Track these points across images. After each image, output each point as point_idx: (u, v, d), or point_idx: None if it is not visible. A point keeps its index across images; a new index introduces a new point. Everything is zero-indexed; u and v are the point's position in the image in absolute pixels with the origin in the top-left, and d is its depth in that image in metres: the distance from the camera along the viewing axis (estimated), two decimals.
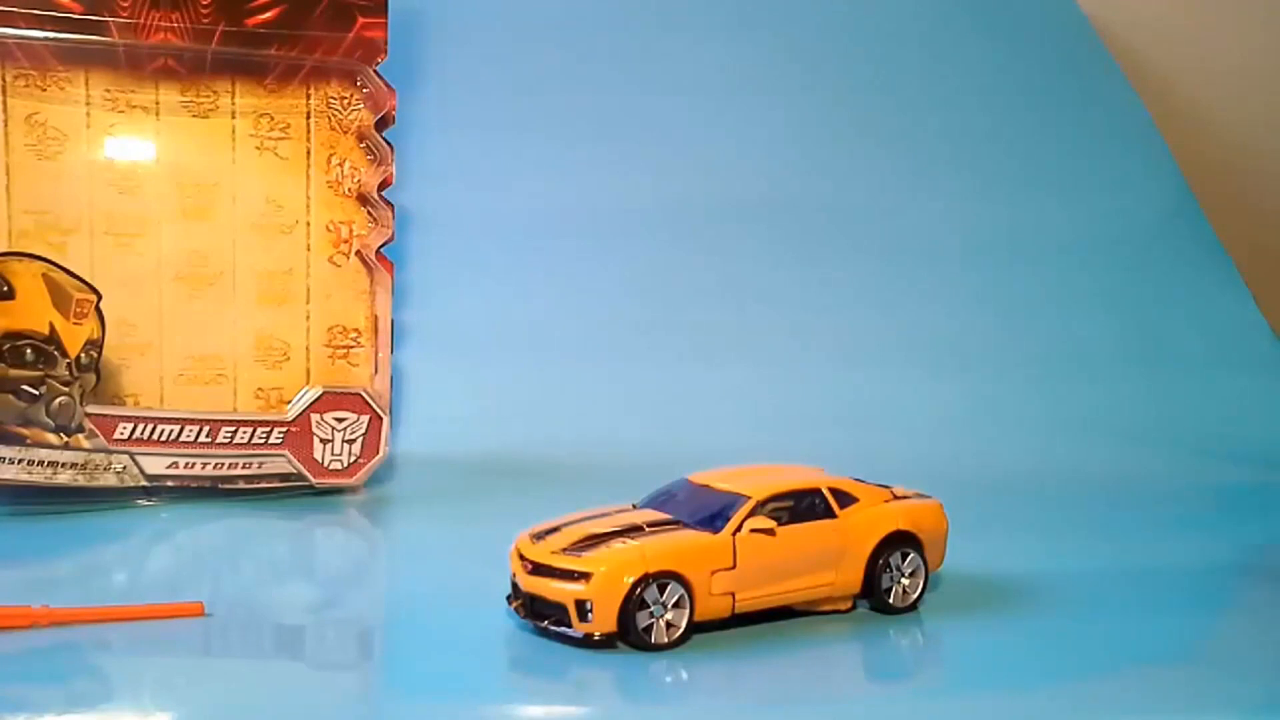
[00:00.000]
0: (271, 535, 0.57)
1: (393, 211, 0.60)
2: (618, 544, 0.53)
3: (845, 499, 0.58)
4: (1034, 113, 0.82)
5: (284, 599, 0.52)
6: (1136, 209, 0.77)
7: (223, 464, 0.59)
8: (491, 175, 0.71)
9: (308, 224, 0.60)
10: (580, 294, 0.69)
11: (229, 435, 0.59)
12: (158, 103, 0.58)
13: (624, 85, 0.76)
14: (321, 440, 0.61)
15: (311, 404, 0.60)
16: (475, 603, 0.54)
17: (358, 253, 0.61)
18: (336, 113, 0.60)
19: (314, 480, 0.61)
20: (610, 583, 0.51)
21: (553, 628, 0.51)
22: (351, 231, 0.60)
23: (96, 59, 0.57)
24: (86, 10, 0.56)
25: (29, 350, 0.56)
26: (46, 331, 0.56)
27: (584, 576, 0.51)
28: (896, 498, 0.60)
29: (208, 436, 0.59)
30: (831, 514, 0.57)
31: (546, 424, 0.67)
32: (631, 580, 0.51)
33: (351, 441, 0.61)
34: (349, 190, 0.60)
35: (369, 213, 0.60)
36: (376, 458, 0.62)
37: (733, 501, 0.56)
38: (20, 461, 0.57)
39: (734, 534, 0.54)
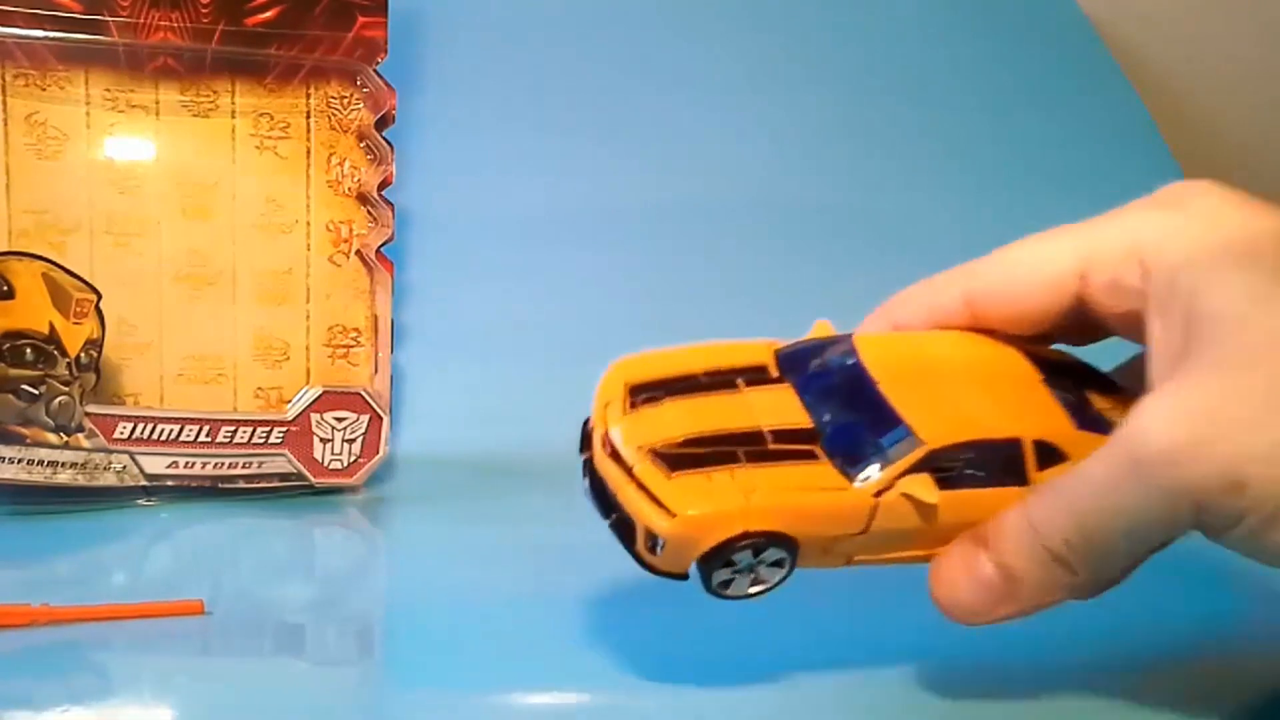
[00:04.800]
0: (271, 535, 0.57)
1: (393, 211, 0.61)
2: (721, 472, 0.38)
3: (1049, 456, 0.40)
4: (1033, 112, 0.82)
5: (284, 598, 0.52)
6: None
7: (223, 464, 0.59)
8: (491, 175, 0.71)
9: (308, 224, 0.60)
10: (580, 294, 0.69)
11: (229, 435, 0.59)
12: (158, 102, 0.58)
13: (625, 85, 0.76)
14: (321, 440, 0.60)
15: (311, 404, 0.60)
16: (476, 602, 0.53)
17: (358, 252, 0.60)
18: (336, 112, 0.60)
19: (314, 480, 0.61)
20: (694, 531, 0.38)
21: (613, 530, 0.40)
22: (351, 231, 0.60)
23: (96, 59, 0.57)
24: (86, 10, 0.56)
25: (29, 350, 0.56)
26: (46, 331, 0.56)
27: (664, 509, 0.38)
28: None
29: (208, 436, 0.59)
30: (1022, 477, 0.39)
31: (546, 424, 0.67)
32: (722, 540, 0.38)
33: (351, 441, 0.61)
34: (349, 190, 0.60)
35: (369, 212, 0.60)
36: (376, 458, 0.61)
37: (897, 434, 0.39)
38: (20, 461, 0.57)
39: (878, 495, 0.38)
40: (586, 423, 0.42)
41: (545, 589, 0.52)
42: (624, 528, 0.40)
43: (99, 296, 0.57)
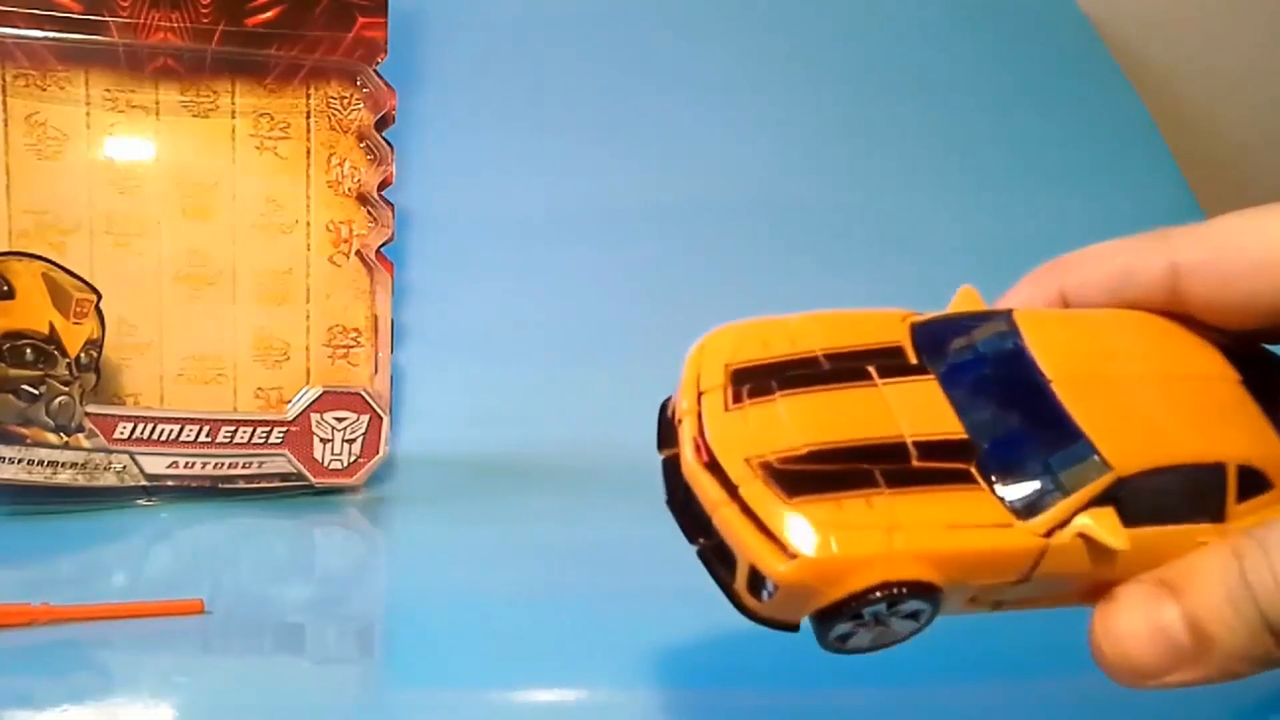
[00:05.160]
0: (271, 535, 0.57)
1: (393, 211, 0.60)
2: (855, 499, 0.29)
3: (1253, 485, 0.32)
4: (1033, 112, 0.82)
5: (284, 597, 0.52)
6: (1136, 209, 0.77)
7: (223, 464, 0.59)
8: (491, 175, 0.71)
9: (308, 224, 0.60)
10: (580, 294, 0.69)
11: (229, 435, 0.59)
12: (158, 103, 0.58)
13: (625, 85, 0.76)
14: (321, 440, 0.60)
15: (311, 404, 0.60)
16: (476, 602, 0.53)
17: (358, 252, 0.60)
18: (336, 112, 0.60)
19: (314, 480, 0.61)
20: (819, 578, 0.29)
21: (702, 559, 0.31)
22: (351, 231, 0.60)
23: (96, 59, 0.57)
24: (86, 10, 0.56)
25: (29, 350, 0.56)
26: (46, 331, 0.56)
27: (780, 546, 0.29)
28: None
29: (208, 436, 0.59)
30: (1220, 513, 0.32)
31: (546, 424, 0.67)
32: (854, 591, 0.29)
33: (351, 441, 0.61)
34: (349, 190, 0.60)
35: (369, 212, 0.60)
36: (376, 457, 0.61)
37: (1076, 453, 0.31)
38: (20, 461, 0.57)
39: (1048, 534, 0.30)
40: (666, 407, 0.34)
41: (545, 589, 0.52)
42: (719, 558, 0.31)
43: (99, 296, 0.57)
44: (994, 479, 0.31)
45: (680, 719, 0.46)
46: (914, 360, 0.34)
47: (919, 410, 0.32)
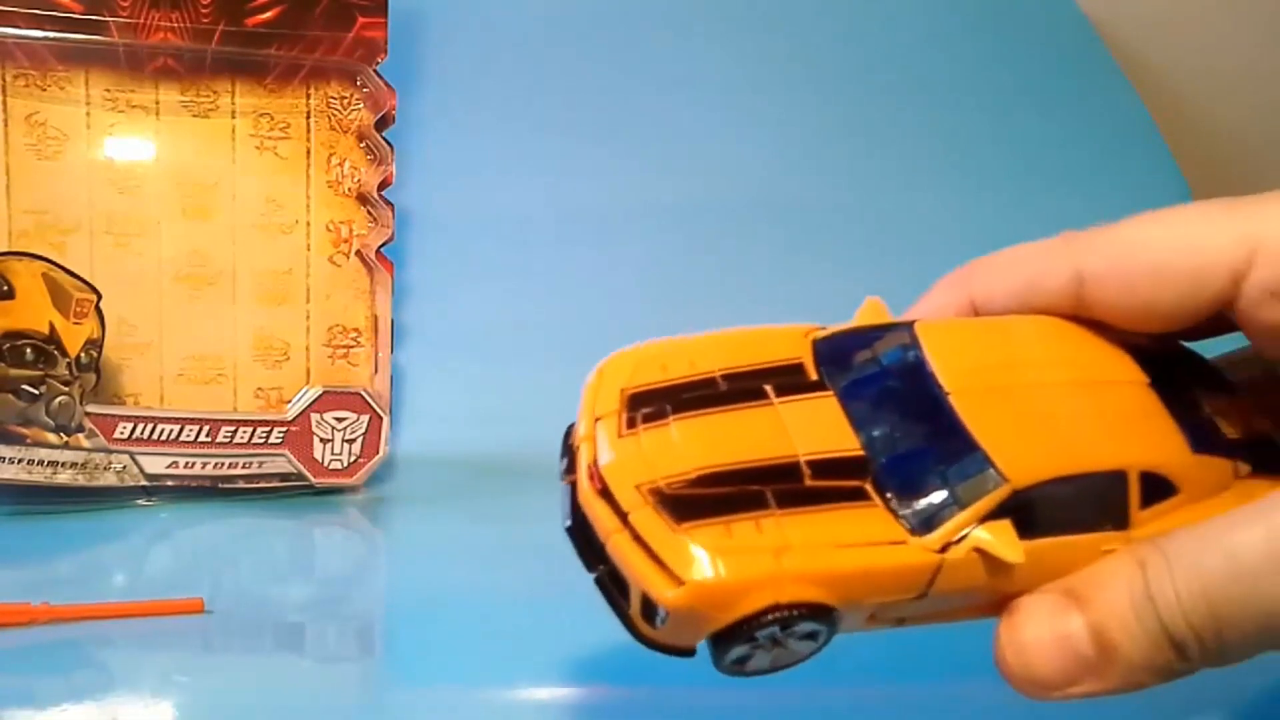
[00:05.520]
0: (271, 534, 0.57)
1: (393, 211, 0.60)
2: (745, 521, 0.29)
3: (1158, 490, 0.32)
4: (1033, 112, 0.82)
5: (284, 597, 0.52)
6: (1136, 209, 0.77)
7: (223, 464, 0.59)
8: (491, 175, 0.71)
9: (308, 224, 0.60)
10: (580, 294, 0.69)
11: (229, 435, 0.59)
12: (158, 103, 0.58)
13: (625, 86, 0.76)
14: (321, 440, 0.60)
15: (311, 404, 0.60)
16: (476, 602, 0.53)
17: (358, 252, 0.60)
18: (336, 113, 0.60)
19: (314, 480, 0.61)
20: (708, 603, 0.29)
21: (599, 587, 0.32)
22: (351, 231, 0.60)
23: (96, 59, 0.57)
24: (86, 10, 0.57)
25: (29, 350, 0.56)
26: (46, 331, 0.56)
27: (669, 573, 0.29)
28: (1240, 476, 0.33)
29: (208, 436, 0.59)
30: (1123, 521, 0.31)
31: (546, 424, 0.66)
32: (744, 615, 0.29)
33: (351, 441, 0.61)
34: (349, 190, 0.60)
35: (369, 212, 0.60)
36: (376, 457, 0.61)
37: (971, 466, 0.30)
38: (20, 461, 0.57)
39: (944, 550, 0.30)
40: (570, 433, 0.34)
41: (545, 589, 0.52)
42: (615, 586, 0.31)
43: (99, 296, 0.57)
44: (889, 495, 0.31)
45: (680, 718, 0.46)
46: (814, 377, 0.33)
47: (815, 428, 0.32)
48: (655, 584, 0.29)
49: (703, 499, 0.30)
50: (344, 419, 0.61)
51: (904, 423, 0.32)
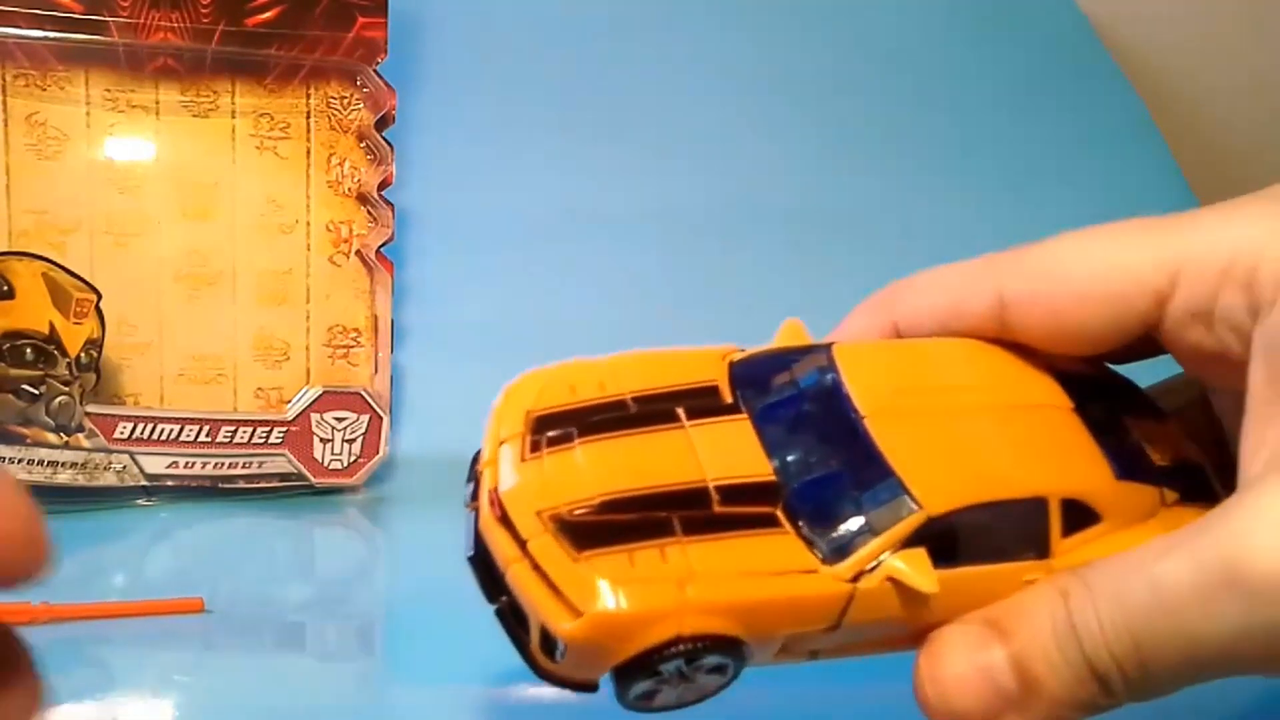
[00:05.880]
0: (271, 534, 0.57)
1: (393, 211, 0.60)
2: (648, 549, 0.28)
3: (1080, 518, 0.31)
4: (1033, 112, 0.82)
5: (284, 597, 0.52)
6: (1136, 209, 0.76)
7: (223, 463, 0.59)
8: (491, 175, 0.71)
9: (308, 224, 0.60)
10: (581, 294, 0.69)
11: (229, 435, 0.59)
12: (158, 102, 0.58)
13: (625, 86, 0.76)
14: (321, 440, 0.60)
15: (311, 404, 0.60)
16: (476, 602, 0.53)
17: (358, 252, 0.60)
18: (336, 112, 0.60)
19: (314, 480, 0.61)
20: (607, 636, 0.28)
21: (499, 619, 0.30)
22: (351, 231, 0.60)
23: (96, 58, 0.57)
24: (86, 10, 0.57)
25: (29, 350, 0.56)
26: (46, 331, 0.56)
27: (567, 604, 0.27)
28: (1167, 504, 0.32)
29: (208, 436, 0.59)
30: (1045, 549, 0.30)
31: None
32: (645, 648, 0.28)
33: (351, 441, 0.61)
34: (349, 190, 0.60)
35: (369, 212, 0.60)
36: (376, 457, 0.61)
37: (885, 492, 0.29)
38: (20, 461, 0.57)
39: (855, 579, 0.29)
40: (476, 460, 0.33)
41: None
42: (514, 618, 0.30)
43: (99, 296, 0.57)
44: (800, 521, 0.29)
45: (680, 717, 0.46)
46: (728, 399, 0.32)
47: (726, 452, 0.30)
48: (553, 615, 0.28)
49: (606, 526, 0.29)
50: (344, 419, 0.61)
51: (818, 447, 0.31)
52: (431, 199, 0.68)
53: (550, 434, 0.31)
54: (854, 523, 0.29)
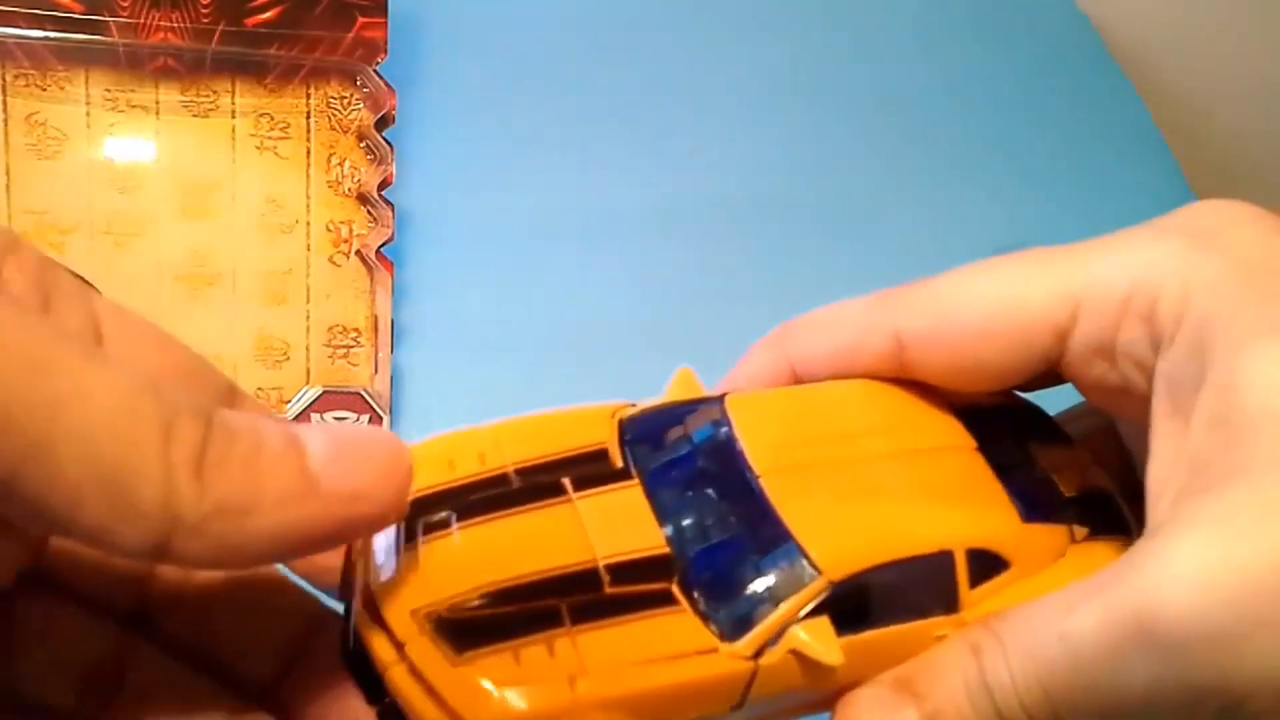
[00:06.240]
0: None
1: (393, 211, 0.60)
2: (535, 645, 0.26)
3: (989, 566, 0.29)
4: (1033, 112, 0.82)
5: None
6: (1136, 209, 0.76)
7: None
8: (491, 175, 0.71)
9: (308, 224, 0.60)
10: (580, 294, 0.69)
11: None
12: (158, 102, 0.58)
13: (627, 86, 0.76)
14: None
15: (311, 404, 0.60)
16: None
17: (358, 252, 0.60)
18: (336, 112, 0.60)
19: None
20: None
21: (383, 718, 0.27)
22: (351, 231, 0.60)
23: (96, 59, 0.57)
24: (86, 10, 0.57)
25: None
26: None
27: (453, 716, 0.25)
28: (1077, 540, 0.31)
29: None
30: (953, 604, 0.29)
31: None
32: None
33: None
34: (349, 190, 0.60)
35: (369, 212, 0.60)
36: None
37: (783, 558, 0.28)
38: None
39: (756, 656, 0.27)
40: (350, 554, 0.29)
41: None
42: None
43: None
44: (696, 596, 0.27)
45: None
46: (618, 464, 0.30)
47: (616, 525, 0.28)
48: None
49: (487, 622, 0.26)
50: (344, 419, 0.61)
51: (713, 511, 0.29)
52: (431, 199, 0.68)
53: (426, 519, 0.28)
54: (752, 594, 0.28)
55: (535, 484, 0.29)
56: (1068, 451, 0.33)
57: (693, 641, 0.27)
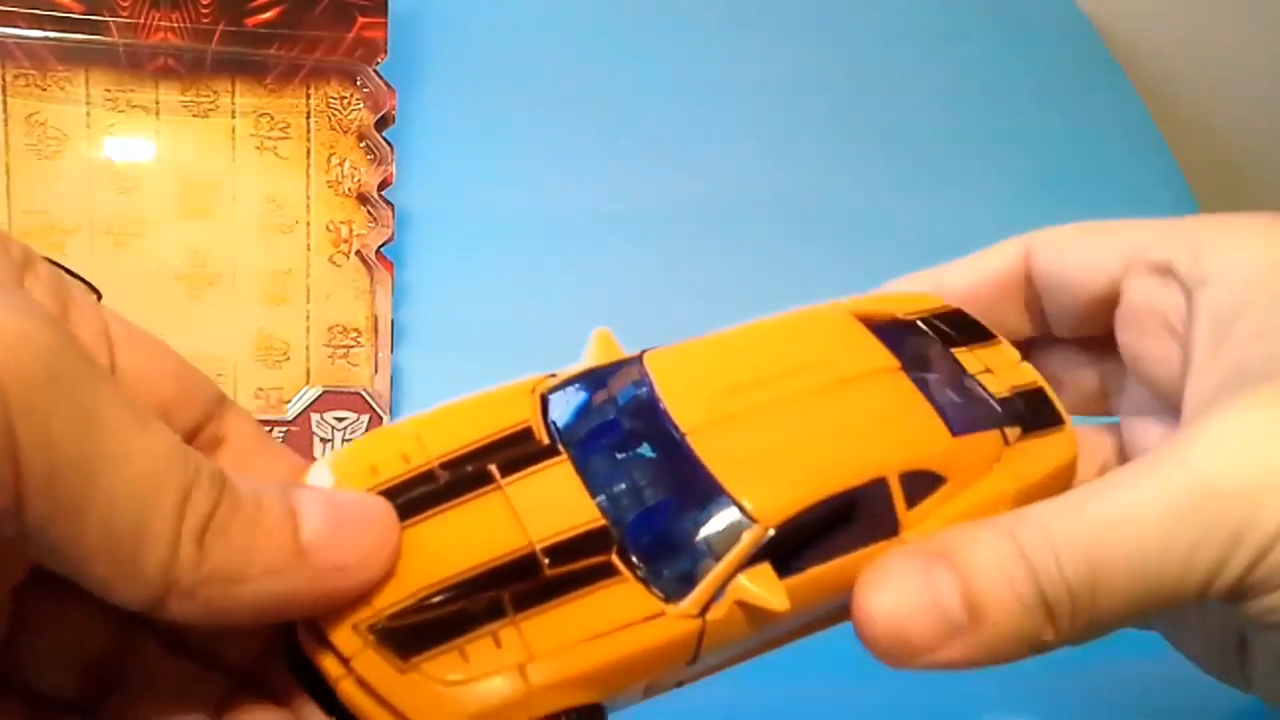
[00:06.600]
0: None
1: (393, 211, 0.60)
2: (481, 640, 0.26)
3: (924, 485, 0.30)
4: (1033, 112, 0.82)
5: None
6: (1136, 209, 0.76)
7: None
8: (491, 175, 0.71)
9: (308, 224, 0.60)
10: (580, 294, 0.69)
11: None
12: (158, 102, 0.58)
13: (627, 85, 0.76)
14: (321, 440, 0.60)
15: (311, 403, 0.60)
16: None
17: (358, 252, 0.61)
18: (336, 112, 0.60)
19: None
20: None
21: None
22: (351, 231, 0.60)
23: (96, 59, 0.57)
24: (86, 10, 0.57)
25: None
26: None
27: None
28: (1010, 442, 0.32)
29: None
30: (893, 528, 0.29)
31: None
32: None
33: (351, 441, 0.61)
34: (349, 190, 0.60)
35: (369, 212, 0.60)
36: None
37: (719, 513, 0.27)
38: None
39: (703, 613, 0.27)
40: None
41: None
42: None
43: (99, 296, 0.57)
44: (637, 563, 0.28)
45: (678, 714, 0.46)
46: (544, 441, 0.30)
47: (549, 505, 0.28)
48: None
49: (430, 624, 0.26)
50: (344, 419, 0.61)
51: (644, 474, 0.29)
52: (431, 199, 0.68)
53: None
54: (692, 552, 0.28)
55: (462, 476, 0.29)
56: (994, 350, 0.34)
57: (639, 609, 0.27)
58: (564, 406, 0.31)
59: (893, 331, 0.33)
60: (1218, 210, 0.39)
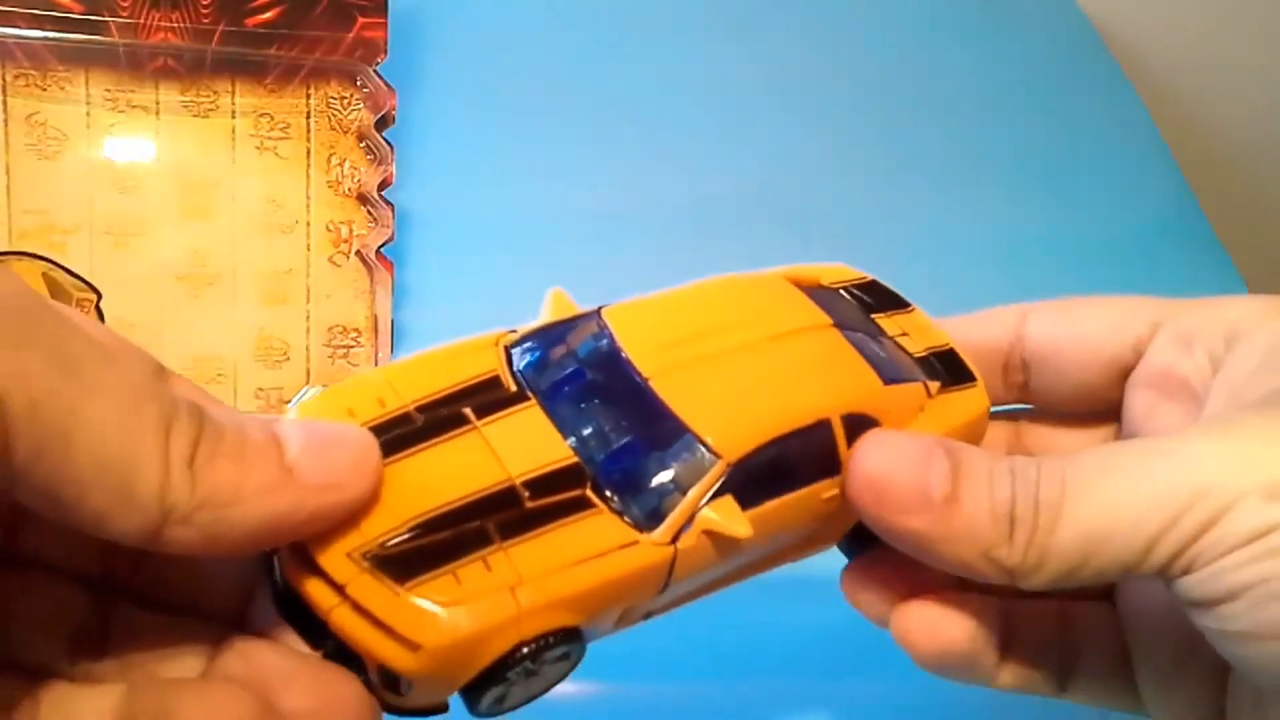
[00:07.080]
0: None
1: (393, 211, 0.61)
2: (472, 564, 0.27)
3: (861, 427, 0.32)
4: (1033, 112, 0.82)
5: None
6: (1136, 209, 0.77)
7: None
8: (491, 175, 0.71)
9: (308, 224, 0.60)
10: (580, 294, 0.69)
11: None
12: (158, 103, 0.58)
13: (626, 85, 0.76)
14: None
15: None
16: None
17: (358, 253, 0.61)
18: (336, 113, 0.60)
19: None
20: (451, 662, 0.27)
21: (332, 660, 0.28)
22: (351, 231, 0.60)
23: (97, 59, 0.57)
24: (86, 10, 0.57)
25: None
26: None
27: (403, 641, 0.27)
28: (932, 395, 0.35)
29: None
30: (835, 465, 0.31)
31: None
32: (492, 662, 0.28)
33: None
34: (349, 190, 0.60)
35: (369, 213, 0.60)
36: None
37: (684, 449, 0.30)
38: None
39: (674, 541, 0.29)
40: None
41: None
42: (347, 660, 0.28)
43: (99, 296, 0.57)
44: (610, 496, 0.30)
45: (679, 712, 0.46)
46: (512, 388, 0.32)
47: (524, 444, 0.30)
48: (391, 654, 0.27)
49: (422, 550, 0.28)
50: None
51: (611, 417, 0.31)
52: (431, 199, 0.68)
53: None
54: (661, 485, 0.30)
55: (439, 417, 0.30)
56: (908, 315, 0.37)
57: (615, 538, 0.29)
58: (528, 357, 0.33)
59: (820, 296, 0.36)
60: (1216, 209, 0.40)
